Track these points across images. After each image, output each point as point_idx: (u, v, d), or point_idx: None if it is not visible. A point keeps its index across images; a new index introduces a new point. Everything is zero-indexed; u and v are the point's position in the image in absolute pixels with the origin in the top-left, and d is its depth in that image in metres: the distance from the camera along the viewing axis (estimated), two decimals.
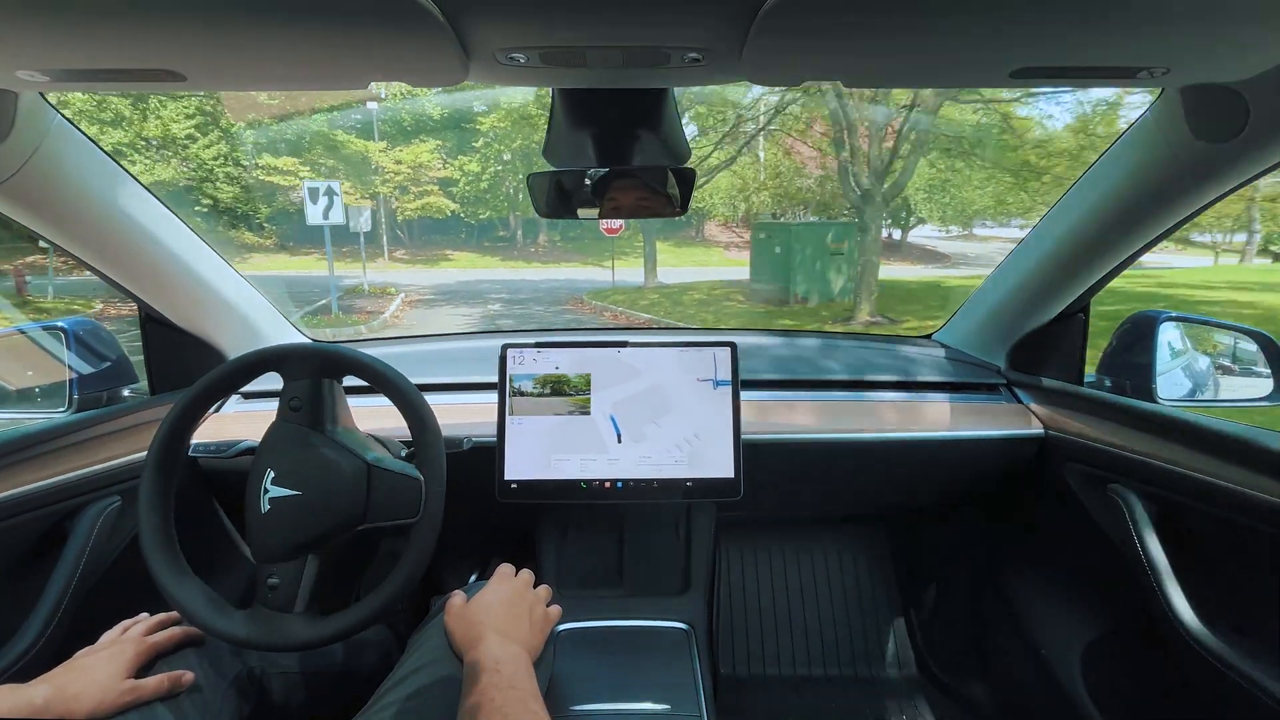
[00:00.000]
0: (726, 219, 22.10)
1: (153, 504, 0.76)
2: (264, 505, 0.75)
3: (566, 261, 19.96)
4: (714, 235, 22.68)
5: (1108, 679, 1.05)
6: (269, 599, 0.74)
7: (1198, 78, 0.67)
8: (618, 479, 1.02)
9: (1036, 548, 1.25)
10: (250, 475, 0.77)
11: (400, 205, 18.75)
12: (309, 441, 0.77)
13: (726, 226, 22.94)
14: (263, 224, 18.37)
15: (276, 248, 19.40)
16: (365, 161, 17.37)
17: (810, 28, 0.52)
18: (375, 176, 17.78)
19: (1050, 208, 1.07)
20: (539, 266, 19.30)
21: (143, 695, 0.68)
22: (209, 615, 0.73)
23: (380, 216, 19.07)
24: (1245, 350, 1.09)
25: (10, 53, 0.54)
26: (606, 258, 19.73)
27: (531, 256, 20.94)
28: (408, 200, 18.26)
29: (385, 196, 18.68)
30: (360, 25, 0.51)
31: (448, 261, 19.49)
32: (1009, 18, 0.50)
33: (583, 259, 20.47)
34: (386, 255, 18.96)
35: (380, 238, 18.98)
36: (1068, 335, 1.15)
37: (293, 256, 18.32)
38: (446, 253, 20.64)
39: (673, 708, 0.89)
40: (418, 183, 17.89)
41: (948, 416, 1.17)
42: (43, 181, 0.80)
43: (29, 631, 0.84)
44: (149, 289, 1.05)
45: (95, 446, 0.99)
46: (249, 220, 18.72)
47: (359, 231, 12.19)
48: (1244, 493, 0.79)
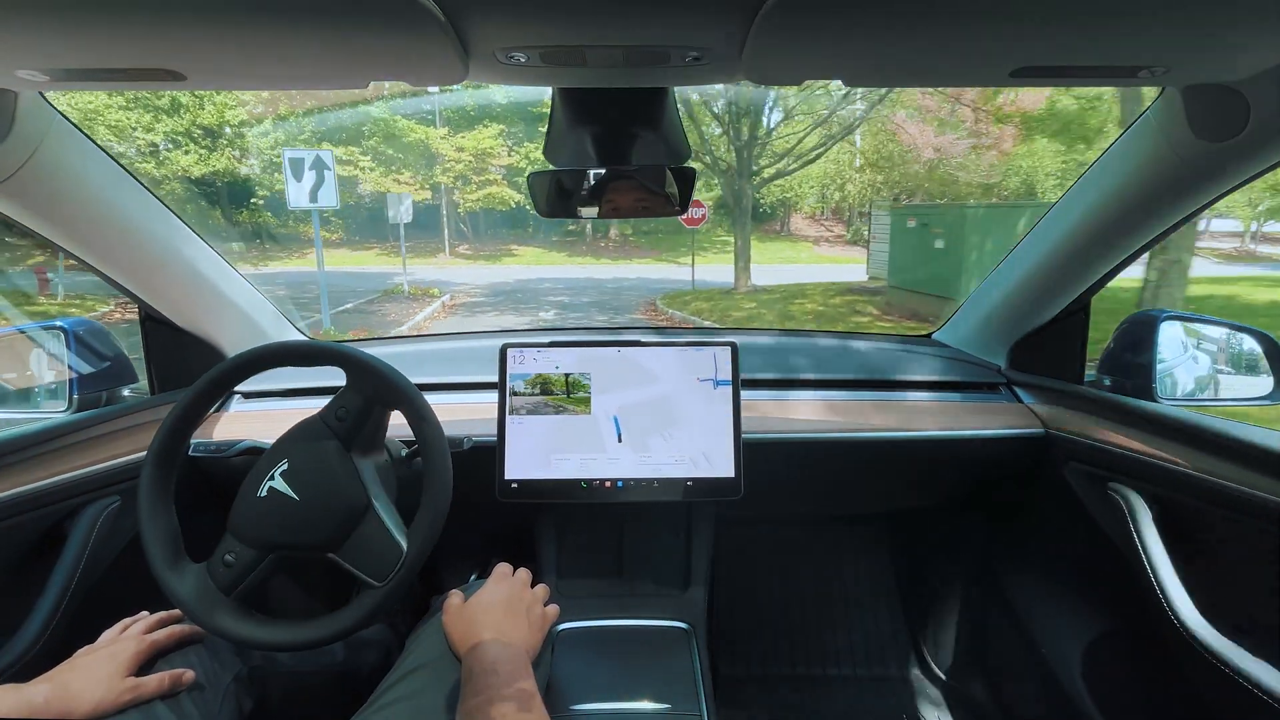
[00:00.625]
0: (815, 211, 20.89)
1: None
2: (262, 490, 0.76)
3: (639, 257, 18.66)
4: (801, 229, 20.98)
5: (1108, 678, 1.05)
6: (217, 573, 0.75)
7: (1198, 77, 0.67)
8: (618, 478, 1.02)
9: (1037, 547, 1.25)
10: (262, 456, 0.79)
11: (462, 196, 17.58)
12: (331, 456, 0.77)
13: (814, 219, 21.58)
14: (329, 217, 17.37)
15: (341, 242, 18.48)
16: (426, 149, 16.39)
17: (810, 27, 0.52)
18: (436, 166, 16.77)
19: (1050, 207, 1.07)
20: (608, 263, 17.88)
21: (143, 694, 0.68)
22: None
23: (442, 209, 18.13)
24: (1245, 349, 1.09)
25: (10, 52, 0.54)
26: (683, 253, 18.45)
27: (601, 252, 19.59)
28: (469, 191, 17.11)
29: (447, 187, 17.59)
30: (360, 25, 0.51)
31: (511, 258, 18.14)
32: (1009, 18, 0.50)
33: (656, 254, 19.08)
34: (448, 250, 18.00)
35: (442, 231, 18.08)
36: (1068, 334, 1.15)
37: (352, 251, 17.61)
38: (511, 248, 19.17)
39: (673, 707, 0.89)
40: (480, 171, 16.70)
41: (948, 416, 1.17)
42: (42, 181, 0.80)
43: (29, 631, 0.84)
44: (149, 288, 1.05)
45: (95, 446, 0.99)
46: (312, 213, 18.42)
47: (398, 222, 11.11)
48: (1244, 492, 0.79)
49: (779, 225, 21.57)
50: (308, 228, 17.17)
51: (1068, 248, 1.03)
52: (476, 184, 16.97)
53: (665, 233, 20.99)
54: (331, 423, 0.79)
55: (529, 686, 0.62)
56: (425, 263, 16.29)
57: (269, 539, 0.75)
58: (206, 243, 1.09)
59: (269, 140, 15.13)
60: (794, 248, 19.35)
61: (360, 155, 16.14)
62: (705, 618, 1.11)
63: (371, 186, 16.86)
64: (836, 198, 17.32)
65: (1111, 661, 1.05)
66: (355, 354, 0.80)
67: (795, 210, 20.60)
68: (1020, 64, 0.60)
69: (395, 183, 16.45)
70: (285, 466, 0.76)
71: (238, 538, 0.76)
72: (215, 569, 0.75)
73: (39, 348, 1.11)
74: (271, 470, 0.76)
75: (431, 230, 18.62)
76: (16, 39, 0.52)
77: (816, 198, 17.70)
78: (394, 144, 16.17)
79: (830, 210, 21.35)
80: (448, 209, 18.43)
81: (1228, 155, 0.74)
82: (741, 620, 1.51)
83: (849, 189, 16.27)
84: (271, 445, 0.81)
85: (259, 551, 0.75)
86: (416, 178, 17.02)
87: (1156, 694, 0.98)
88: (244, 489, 0.78)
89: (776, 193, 18.62)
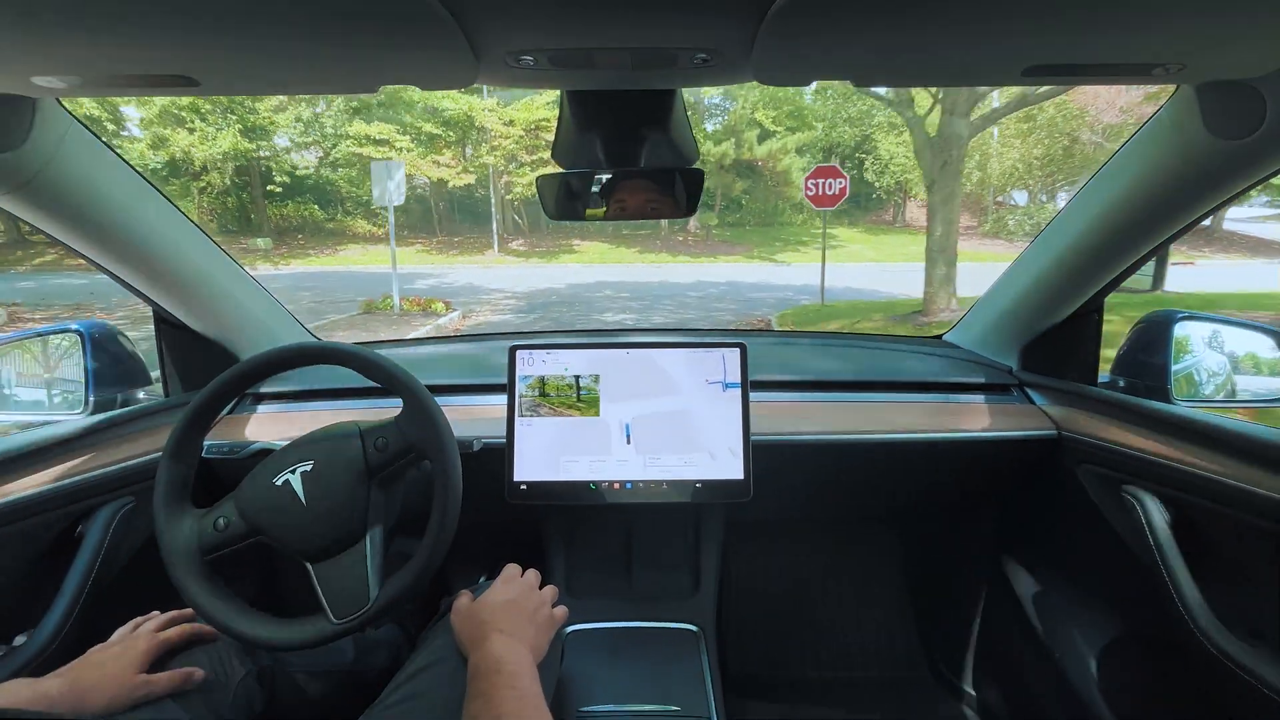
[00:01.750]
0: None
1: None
2: (279, 479, 0.77)
3: (725, 254, 16.01)
4: (918, 218, 17.91)
5: (1122, 684, 1.03)
6: (205, 530, 0.76)
7: (1214, 74, 0.66)
8: (627, 480, 1.02)
9: (1049, 550, 1.24)
10: (290, 445, 0.80)
11: (512, 179, 15.23)
12: (352, 480, 0.78)
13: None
14: (377, 209, 15.96)
15: (386, 236, 16.57)
16: (470, 124, 14.40)
17: (819, 27, 0.52)
18: (483, 144, 14.46)
19: (1064, 206, 1.06)
20: (687, 261, 15.09)
21: (154, 690, 0.69)
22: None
23: (491, 196, 15.93)
24: (1263, 349, 1.07)
25: (27, 60, 0.55)
26: (778, 248, 16.33)
27: (678, 248, 16.84)
28: (520, 173, 14.80)
29: (496, 169, 15.17)
30: (371, 29, 0.51)
31: (571, 255, 15.68)
32: (1021, 16, 0.50)
33: (746, 250, 16.49)
34: (496, 247, 15.77)
35: (489, 223, 16.03)
36: (1081, 335, 1.14)
37: (409, 247, 16.06)
38: (573, 243, 16.61)
39: (682, 709, 0.89)
40: (533, 150, 14.26)
41: (959, 417, 1.16)
42: (59, 186, 0.81)
43: (46, 627, 0.86)
44: (162, 291, 1.06)
45: (110, 448, 1.00)
46: (342, 205, 16.10)
47: (385, 205, 8.52)
48: (1264, 495, 0.77)
49: (890, 214, 19.14)
50: (356, 222, 16.22)
51: (1082, 247, 1.01)
52: (529, 164, 14.66)
53: (754, 224, 19.30)
54: (368, 448, 0.79)
55: (533, 686, 0.63)
56: (470, 261, 14.76)
57: (263, 525, 0.76)
58: (219, 247, 1.10)
59: (288, 116, 13.76)
60: (913, 240, 15.63)
61: (397, 134, 14.26)
62: (715, 620, 1.11)
63: (410, 169, 14.56)
64: (975, 179, 14.46)
65: (1126, 667, 1.04)
66: (409, 381, 0.80)
67: (911, 196, 18.16)
68: (1032, 62, 0.59)
69: (434, 165, 14.61)
70: (307, 469, 0.77)
71: (239, 509, 0.77)
72: (206, 525, 0.77)
73: (55, 351, 1.12)
74: (295, 465, 0.77)
75: (481, 221, 16.58)
76: (34, 46, 0.53)
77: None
78: (434, 119, 14.66)
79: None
80: (497, 196, 16.20)
81: (1243, 153, 0.73)
82: (751, 622, 1.51)
83: (991, 167, 13.60)
84: (304, 438, 0.82)
85: (249, 530, 0.76)
86: (459, 159, 15.13)
87: (1172, 700, 0.96)
88: (263, 468, 0.79)
89: (894, 174, 16.78)
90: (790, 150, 18.15)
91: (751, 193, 19.59)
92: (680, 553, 1.19)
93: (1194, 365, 1.09)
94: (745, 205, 19.87)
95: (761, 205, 19.66)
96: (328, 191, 16.67)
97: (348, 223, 16.38)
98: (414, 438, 0.79)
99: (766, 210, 19.61)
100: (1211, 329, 1.10)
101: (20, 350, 1.14)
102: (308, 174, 15.98)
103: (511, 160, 15.11)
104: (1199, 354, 1.10)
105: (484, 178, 15.92)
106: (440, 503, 0.77)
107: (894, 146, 16.17)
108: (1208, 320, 1.09)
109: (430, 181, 15.39)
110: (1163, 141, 0.82)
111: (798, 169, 17.40)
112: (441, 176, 15.14)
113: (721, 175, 18.11)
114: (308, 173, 16.02)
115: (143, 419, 1.07)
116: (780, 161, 18.07)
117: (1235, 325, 1.09)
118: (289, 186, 15.90)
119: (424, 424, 0.79)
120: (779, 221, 19.30)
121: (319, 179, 16.26)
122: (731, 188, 18.97)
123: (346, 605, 0.74)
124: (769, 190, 19.34)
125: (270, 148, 15.12)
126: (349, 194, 16.34)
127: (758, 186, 19.39)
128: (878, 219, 19.13)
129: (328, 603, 0.74)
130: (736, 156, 17.78)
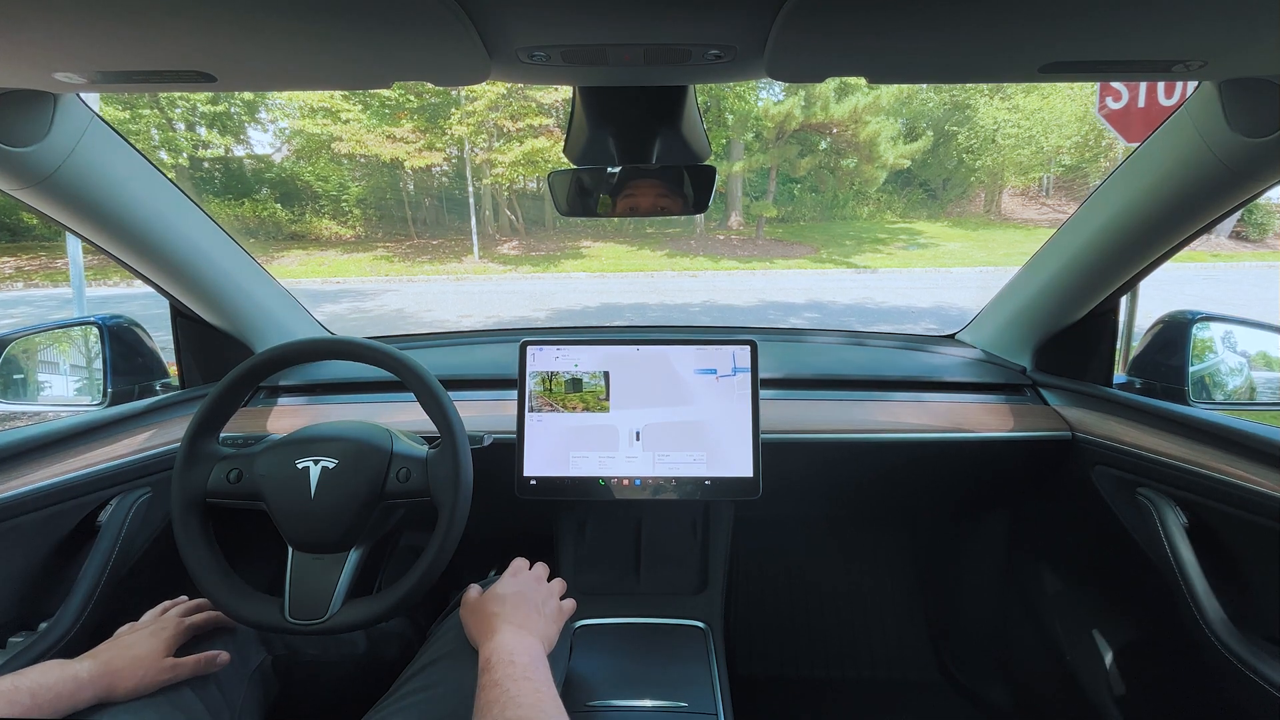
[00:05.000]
0: (1030, 184, 14.58)
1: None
2: (301, 462, 0.78)
3: (783, 258, 11.94)
4: (1014, 211, 14.91)
5: (1135, 687, 1.02)
6: (219, 477, 0.78)
7: (1236, 71, 0.65)
8: (636, 476, 1.02)
9: (1061, 552, 1.23)
10: (321, 436, 0.81)
11: (492, 158, 10.97)
12: (365, 495, 0.78)
13: (1028, 196, 15.16)
14: (349, 208, 12.93)
15: (357, 241, 13.12)
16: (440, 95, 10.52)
17: (833, 24, 0.52)
18: (453, 110, 10.92)
19: (1081, 204, 1.04)
20: (736, 267, 11.14)
21: (181, 673, 0.71)
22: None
23: (469, 184, 12.07)
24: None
25: (48, 55, 0.56)
26: (849, 249, 12.49)
27: (720, 248, 12.56)
28: (504, 150, 10.74)
29: (470, 144, 11.30)
30: (386, 26, 0.51)
31: (577, 260, 11.72)
32: (1040, 12, 0.49)
33: (811, 252, 12.35)
34: (476, 251, 11.84)
35: (469, 219, 12.11)
36: (1096, 335, 1.13)
37: (370, 252, 12.65)
38: (581, 245, 12.76)
39: (689, 705, 0.89)
40: (519, 116, 10.53)
41: (971, 417, 1.15)
42: (79, 180, 0.82)
43: (68, 612, 0.88)
44: (179, 285, 1.08)
45: (127, 439, 1.01)
46: (315, 202, 12.79)
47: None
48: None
49: (982, 204, 15.12)
50: (323, 223, 12.75)
51: (1099, 246, 1.00)
52: (514, 135, 10.84)
53: (810, 219, 14.34)
54: (392, 472, 0.80)
55: (545, 677, 0.63)
56: (442, 270, 11.18)
57: (267, 496, 0.78)
58: (235, 241, 1.12)
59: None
60: (1021, 236, 12.73)
61: (344, 101, 10.26)
62: (722, 617, 1.11)
63: (354, 147, 11.04)
64: (1068, 161, 11.56)
65: (1139, 670, 1.03)
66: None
67: (1005, 186, 14.64)
68: (1050, 59, 0.58)
69: (389, 141, 10.96)
70: (330, 465, 0.78)
71: (255, 472, 0.79)
72: (219, 474, 0.78)
73: (74, 343, 1.14)
74: (319, 457, 0.78)
75: (458, 217, 13.04)
76: (55, 42, 0.54)
77: (1043, 162, 11.85)
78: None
79: (1053, 183, 14.77)
80: (478, 184, 12.32)
81: (1266, 151, 0.72)
82: (758, 620, 1.51)
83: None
84: (338, 431, 0.82)
85: (254, 494, 0.78)
86: (423, 133, 11.27)
87: (1186, 704, 0.95)
88: (292, 445, 0.80)
89: (988, 157, 13.45)
90: (882, 111, 13.06)
91: (824, 171, 14.48)
92: (688, 550, 1.19)
93: (1212, 367, 1.08)
94: (799, 193, 15.19)
95: (836, 189, 14.88)
96: (296, 187, 13.50)
97: (317, 224, 13.27)
98: (435, 485, 0.79)
99: (819, 204, 15.14)
100: (1229, 330, 1.08)
101: (40, 342, 1.16)
102: (266, 168, 12.96)
103: (497, 134, 11.06)
104: (1218, 355, 1.08)
105: (458, 160, 12.08)
106: (437, 542, 0.76)
107: (1001, 113, 12.91)
108: (1226, 321, 1.07)
109: (412, 169, 11.91)
110: (1183, 138, 0.81)
111: (886, 139, 13.17)
112: (396, 156, 11.14)
113: (781, 148, 13.51)
114: (269, 165, 13.06)
115: (160, 411, 1.08)
116: (866, 127, 13.00)
117: (1254, 326, 1.08)
118: (238, 178, 12.67)
119: (447, 473, 0.79)
120: (841, 215, 15.02)
121: (282, 172, 13.30)
122: (794, 166, 13.86)
123: (305, 608, 0.75)
124: (847, 169, 14.04)
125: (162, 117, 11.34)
126: (323, 191, 13.19)
127: (830, 163, 14.29)
128: (962, 210, 15.22)
129: (290, 594, 0.75)
130: (805, 119, 12.87)
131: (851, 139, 13.34)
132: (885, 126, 13.15)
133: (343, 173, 12.71)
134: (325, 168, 12.51)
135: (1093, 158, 11.40)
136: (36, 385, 1.14)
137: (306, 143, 12.08)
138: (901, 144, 13.57)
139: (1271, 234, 11.54)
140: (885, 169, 13.29)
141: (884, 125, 13.14)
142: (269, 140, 13.97)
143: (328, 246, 12.80)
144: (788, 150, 13.57)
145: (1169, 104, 6.55)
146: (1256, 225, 11.46)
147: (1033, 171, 13.44)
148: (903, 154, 13.29)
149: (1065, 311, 1.13)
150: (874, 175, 13.64)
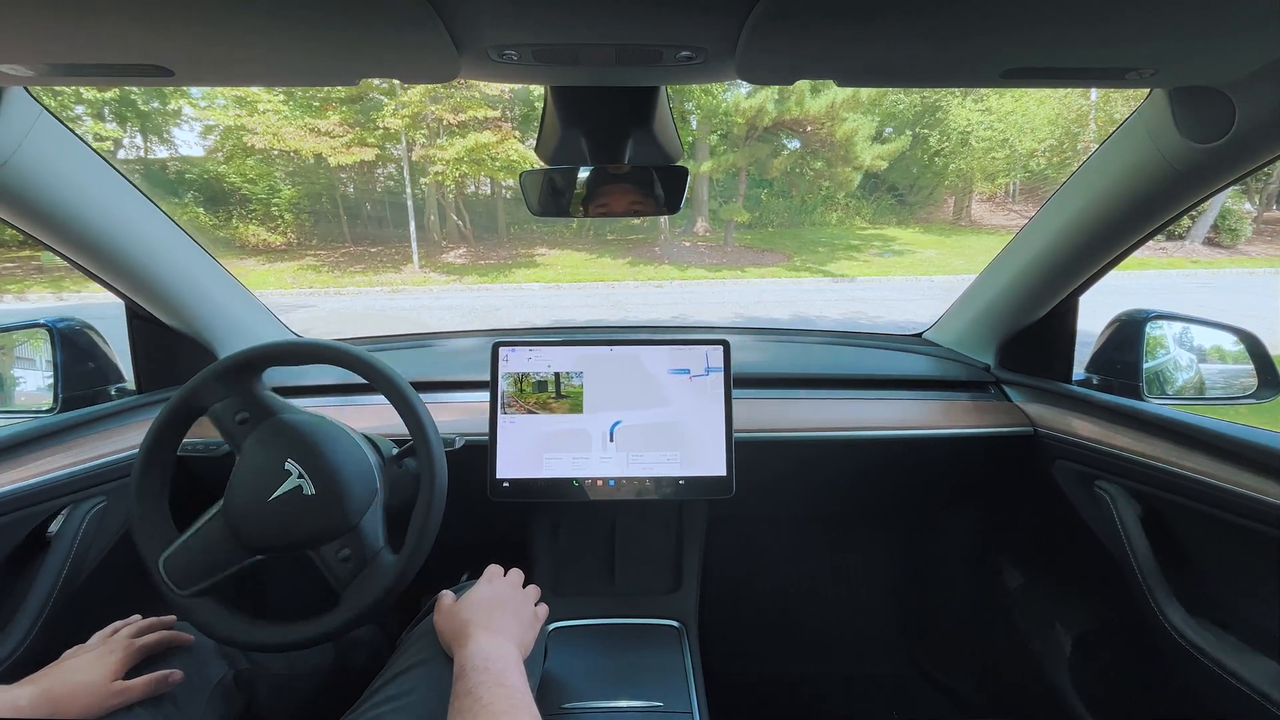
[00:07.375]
0: (997, 190, 14.42)
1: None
2: (273, 495, 0.75)
3: (756, 265, 11.38)
4: (984, 217, 14.55)
5: (1095, 672, 1.06)
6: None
7: (1186, 79, 0.67)
8: (610, 477, 1.02)
9: (1026, 544, 1.26)
10: (328, 448, 0.77)
11: (428, 154, 10.08)
12: (302, 539, 0.75)
13: (995, 201, 14.91)
14: (280, 213, 11.38)
15: (286, 249, 11.85)
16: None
17: (802, 27, 0.52)
18: (387, 102, 9.90)
19: (1040, 207, 1.07)
20: (705, 276, 10.48)
21: (130, 696, 0.68)
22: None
23: (406, 182, 11.23)
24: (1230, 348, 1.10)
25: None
26: (823, 256, 11.91)
27: (687, 255, 11.84)
28: (446, 145, 9.84)
29: (407, 139, 10.39)
30: (351, 21, 0.50)
31: (531, 269, 10.99)
32: (1001, 19, 0.51)
33: (783, 260, 11.67)
34: (416, 259, 11.09)
35: (408, 224, 11.18)
36: (1056, 334, 1.16)
37: (296, 261, 11.49)
38: (535, 252, 11.92)
39: (665, 704, 0.89)
40: (460, 108, 9.55)
41: (937, 414, 1.18)
42: (27, 177, 0.79)
43: (15, 632, 0.84)
44: (135, 285, 1.04)
45: (81, 445, 0.97)
46: (245, 205, 11.47)
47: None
48: (1228, 489, 0.80)
49: (951, 210, 14.74)
50: (250, 228, 11.43)
51: (1057, 247, 1.03)
52: (456, 129, 9.73)
53: (779, 225, 13.50)
54: (337, 545, 0.76)
55: (521, 684, 0.62)
56: (377, 281, 10.23)
57: (244, 457, 0.77)
58: (195, 240, 1.08)
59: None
60: (1003, 243, 10.81)
61: (263, 90, 9.39)
62: (697, 615, 1.12)
63: (270, 142, 10.06)
64: (1041, 165, 11.20)
65: (1099, 656, 1.06)
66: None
67: (973, 189, 14.19)
68: (1011, 65, 0.60)
69: (312, 134, 9.95)
70: (310, 494, 0.75)
71: (259, 429, 0.78)
72: (228, 407, 0.78)
73: (22, 346, 1.09)
74: (307, 477, 0.75)
75: (400, 223, 11.93)
76: (1, 34, 0.51)
77: (1016, 166, 11.45)
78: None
79: (1019, 187, 14.47)
80: (414, 183, 11.49)
81: (1214, 156, 0.75)
82: (733, 618, 1.52)
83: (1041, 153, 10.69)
84: (351, 469, 0.78)
85: (234, 446, 0.78)
86: (351, 126, 10.23)
87: (1143, 688, 0.99)
88: (298, 434, 0.77)
89: (960, 160, 12.87)
90: (860, 106, 12.23)
91: (796, 173, 13.64)
92: (663, 549, 1.20)
93: (1165, 363, 1.12)
94: (767, 198, 14.47)
95: (805, 194, 14.20)
96: (223, 189, 11.81)
97: (243, 230, 11.83)
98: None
99: (805, 203, 14.48)
100: (1182, 328, 1.12)
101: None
102: (188, 168, 11.60)
103: (438, 128, 9.89)
104: (1169, 352, 1.13)
105: (397, 158, 11.10)
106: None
107: (974, 115, 12.57)
108: (1179, 319, 1.11)
109: (339, 166, 10.68)
110: (1135, 144, 0.84)
111: (863, 138, 12.41)
112: (318, 151, 9.98)
113: (751, 148, 12.67)
114: (191, 164, 11.61)
115: (115, 416, 1.04)
116: (842, 125, 12.24)
117: (1205, 324, 1.12)
118: (158, 179, 11.26)
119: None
120: (811, 221, 14.40)
121: (205, 173, 11.71)
122: (766, 167, 13.03)
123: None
124: (819, 171, 13.23)
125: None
126: (251, 194, 11.61)
127: (801, 166, 13.51)
128: (931, 216, 14.83)
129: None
130: (778, 115, 12.07)
131: (827, 137, 12.72)
132: (863, 124, 12.51)
133: (273, 174, 11.43)
134: (254, 168, 11.20)
135: (1061, 163, 11.32)
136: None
137: (224, 136, 10.84)
138: (878, 144, 13.20)
139: (1244, 240, 11.96)
140: (861, 170, 12.81)
141: (861, 123, 12.47)
142: (189, 137, 12.48)
143: (252, 254, 11.63)
144: (759, 150, 12.85)
145: None
146: (1230, 231, 11.61)
147: (999, 178, 13.36)
148: (880, 155, 12.85)
149: (1026, 311, 1.17)
150: (849, 177, 13.05)
